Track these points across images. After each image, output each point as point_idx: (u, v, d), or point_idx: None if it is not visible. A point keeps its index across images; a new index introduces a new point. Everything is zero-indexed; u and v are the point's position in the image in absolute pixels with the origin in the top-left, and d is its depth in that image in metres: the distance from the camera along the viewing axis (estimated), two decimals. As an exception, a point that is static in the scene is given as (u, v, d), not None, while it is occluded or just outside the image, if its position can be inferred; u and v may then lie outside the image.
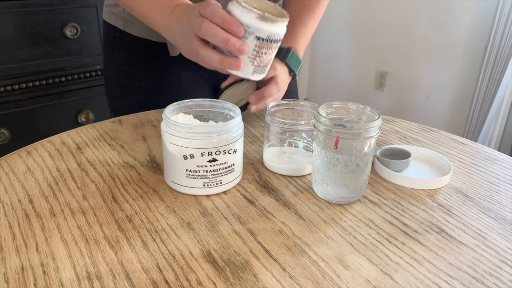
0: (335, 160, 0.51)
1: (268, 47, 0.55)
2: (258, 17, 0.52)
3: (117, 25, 0.85)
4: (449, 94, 2.28)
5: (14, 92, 1.49)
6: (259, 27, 0.53)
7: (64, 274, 0.41)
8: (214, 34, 0.53)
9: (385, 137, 0.73)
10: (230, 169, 0.54)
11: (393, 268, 0.43)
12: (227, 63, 0.55)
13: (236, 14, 0.53)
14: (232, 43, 0.53)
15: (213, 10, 0.53)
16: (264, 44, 0.54)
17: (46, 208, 0.51)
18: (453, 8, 2.14)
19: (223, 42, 0.53)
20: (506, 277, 0.43)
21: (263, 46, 0.54)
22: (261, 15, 0.52)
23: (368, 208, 0.53)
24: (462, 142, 0.73)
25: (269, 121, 0.59)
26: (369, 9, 2.51)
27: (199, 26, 0.53)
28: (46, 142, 0.67)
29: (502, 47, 1.95)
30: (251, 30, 0.53)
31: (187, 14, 0.57)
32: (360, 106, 0.54)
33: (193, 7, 0.56)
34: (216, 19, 0.53)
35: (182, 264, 0.43)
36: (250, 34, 0.53)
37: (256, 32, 0.53)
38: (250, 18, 0.52)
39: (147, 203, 0.52)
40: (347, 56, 2.72)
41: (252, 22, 0.52)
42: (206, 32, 0.53)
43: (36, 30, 1.48)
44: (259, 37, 0.53)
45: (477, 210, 0.53)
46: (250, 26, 0.52)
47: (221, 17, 0.52)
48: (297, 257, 0.44)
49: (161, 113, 0.78)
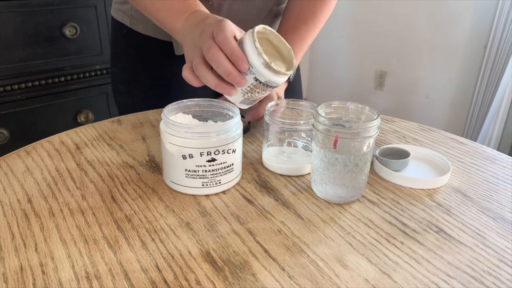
0: (334, 160, 0.51)
1: (262, 89, 0.56)
2: (264, 63, 0.52)
3: (125, 22, 0.86)
4: (449, 94, 2.28)
5: (13, 92, 1.49)
6: (261, 71, 0.53)
7: (63, 274, 0.41)
8: (219, 63, 0.53)
9: (384, 137, 0.73)
10: (229, 169, 0.54)
11: (392, 267, 0.43)
12: (221, 88, 0.55)
13: (246, 49, 0.53)
14: (232, 78, 0.53)
15: (225, 38, 0.53)
16: (260, 86, 0.55)
17: (45, 208, 0.51)
18: (452, 8, 2.14)
19: (225, 74, 0.53)
20: (505, 276, 0.43)
21: (258, 87, 0.55)
22: (267, 64, 0.52)
23: (367, 207, 0.53)
24: (461, 141, 0.73)
25: (268, 121, 0.60)
26: (368, 9, 2.51)
27: (207, 50, 0.53)
28: (45, 142, 0.67)
29: (502, 46, 1.95)
30: (253, 71, 0.53)
31: (201, 26, 0.57)
32: (359, 106, 0.54)
33: (209, 23, 0.56)
34: (226, 49, 0.53)
35: (181, 264, 0.43)
36: (251, 73, 0.54)
37: (257, 74, 0.53)
38: (257, 60, 0.52)
39: (146, 203, 0.52)
40: (346, 56, 2.72)
41: (257, 65, 0.53)
42: (212, 58, 0.53)
43: (35, 30, 1.47)
44: (258, 79, 0.54)
45: (476, 210, 0.53)
46: (254, 67, 0.53)
47: (231, 49, 0.52)
48: (296, 257, 0.44)
49: (160, 113, 0.78)
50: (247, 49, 0.53)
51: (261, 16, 0.86)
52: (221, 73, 0.53)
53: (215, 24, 0.54)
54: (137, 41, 0.86)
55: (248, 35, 0.53)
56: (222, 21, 0.54)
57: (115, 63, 0.93)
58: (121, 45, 0.90)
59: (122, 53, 0.90)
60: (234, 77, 0.53)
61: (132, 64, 0.89)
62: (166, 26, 0.66)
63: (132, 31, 0.85)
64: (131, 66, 0.89)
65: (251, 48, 0.52)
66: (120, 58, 0.91)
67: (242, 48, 0.53)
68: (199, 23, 0.58)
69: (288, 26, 0.80)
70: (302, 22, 0.80)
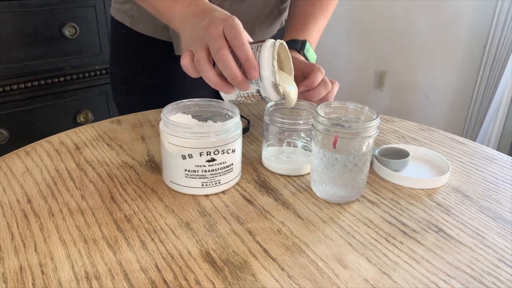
0: (334, 160, 0.51)
1: (257, 99, 0.56)
2: (273, 84, 0.52)
3: (125, 22, 0.86)
4: (448, 93, 2.28)
5: (13, 92, 1.49)
6: (266, 88, 0.53)
7: (63, 274, 0.41)
8: (227, 66, 0.51)
9: (384, 137, 0.73)
10: (228, 169, 0.54)
11: (392, 267, 0.43)
12: (220, 87, 0.54)
13: (261, 62, 0.51)
14: (237, 82, 0.52)
15: (242, 44, 0.50)
16: (257, 97, 0.55)
17: (45, 208, 0.51)
18: (452, 8, 2.15)
19: (230, 77, 0.52)
20: (504, 276, 0.43)
21: (255, 97, 0.55)
22: (275, 85, 0.52)
23: (367, 207, 0.53)
24: (460, 141, 0.73)
25: (267, 121, 0.59)
26: (368, 9, 2.51)
27: (216, 49, 0.51)
28: (44, 142, 0.67)
29: (501, 46, 1.95)
30: (259, 83, 0.53)
31: (207, 19, 0.53)
32: (359, 106, 0.54)
33: (218, 18, 0.53)
34: (241, 54, 0.51)
35: (180, 264, 0.43)
36: (256, 84, 0.53)
37: (261, 88, 0.53)
38: (268, 77, 0.52)
39: (145, 203, 0.52)
40: (346, 55, 2.72)
41: (266, 81, 0.52)
42: (221, 60, 0.51)
43: (35, 30, 1.47)
44: (259, 92, 0.54)
45: (476, 210, 0.53)
46: (262, 81, 0.52)
47: (246, 55, 0.51)
48: (295, 257, 0.44)
49: (159, 113, 0.78)
50: (262, 61, 0.51)
51: (261, 17, 0.86)
52: (227, 75, 0.52)
53: (227, 21, 0.52)
54: (137, 41, 0.86)
55: (268, 49, 0.52)
56: (235, 21, 0.52)
57: (114, 63, 0.92)
58: (121, 45, 0.90)
59: (122, 53, 0.90)
60: (238, 82, 0.52)
61: (132, 64, 0.89)
62: (164, 13, 0.62)
63: (132, 31, 0.85)
64: (131, 66, 0.89)
65: (267, 64, 0.51)
66: (120, 58, 0.91)
67: (255, 56, 0.52)
68: (205, 14, 0.55)
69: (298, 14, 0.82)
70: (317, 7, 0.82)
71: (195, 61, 0.53)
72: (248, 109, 0.82)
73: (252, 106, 0.84)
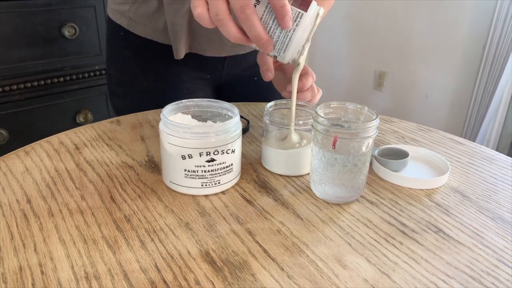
0: (333, 160, 0.51)
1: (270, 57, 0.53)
2: (300, 50, 0.50)
3: (122, 24, 0.84)
4: (448, 94, 2.28)
5: (12, 93, 1.49)
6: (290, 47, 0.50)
7: (62, 274, 0.41)
8: (252, 26, 0.47)
9: (383, 137, 0.73)
10: (228, 169, 0.54)
11: (391, 267, 0.43)
12: (240, 41, 0.50)
13: (301, 22, 0.48)
14: (261, 43, 0.48)
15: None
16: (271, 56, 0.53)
17: (44, 208, 0.51)
18: (451, 8, 2.15)
19: (255, 38, 0.48)
20: (503, 276, 0.43)
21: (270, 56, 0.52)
22: (300, 52, 0.50)
23: (366, 207, 0.53)
24: (459, 142, 0.73)
25: (267, 121, 0.60)
26: (367, 9, 2.51)
27: (241, 8, 0.46)
28: (44, 142, 0.67)
29: (500, 47, 1.95)
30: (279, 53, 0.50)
31: None
32: (358, 106, 0.54)
33: None
34: (276, 3, 0.46)
35: (180, 264, 0.43)
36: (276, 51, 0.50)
37: (279, 58, 0.51)
38: (298, 41, 0.49)
39: (145, 203, 0.52)
40: (345, 56, 2.72)
41: (295, 43, 0.49)
42: (246, 20, 0.47)
43: (34, 30, 1.47)
44: (278, 51, 0.51)
45: (475, 210, 0.53)
46: (284, 53, 0.50)
47: (283, 2, 0.46)
48: (295, 257, 0.44)
49: (159, 113, 0.77)
50: (302, 22, 0.49)
51: None
52: (251, 36, 0.48)
53: None
54: (135, 44, 0.84)
55: (313, 12, 0.49)
56: None
57: (111, 65, 0.90)
58: (118, 47, 0.88)
59: (119, 55, 0.88)
60: (263, 43, 0.48)
61: (129, 67, 0.87)
62: None
63: (129, 33, 0.83)
64: (128, 68, 0.87)
65: (306, 28, 0.49)
66: (117, 60, 0.89)
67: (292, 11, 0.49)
68: None
69: None
70: None
71: (213, 14, 0.48)
72: (248, 110, 0.82)
73: (252, 106, 0.84)
